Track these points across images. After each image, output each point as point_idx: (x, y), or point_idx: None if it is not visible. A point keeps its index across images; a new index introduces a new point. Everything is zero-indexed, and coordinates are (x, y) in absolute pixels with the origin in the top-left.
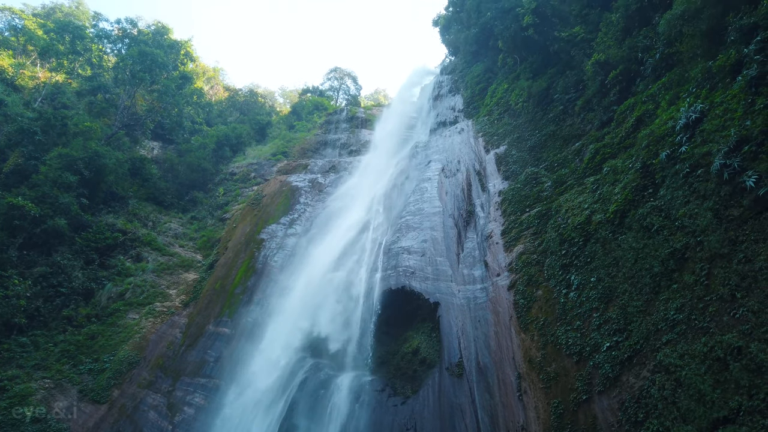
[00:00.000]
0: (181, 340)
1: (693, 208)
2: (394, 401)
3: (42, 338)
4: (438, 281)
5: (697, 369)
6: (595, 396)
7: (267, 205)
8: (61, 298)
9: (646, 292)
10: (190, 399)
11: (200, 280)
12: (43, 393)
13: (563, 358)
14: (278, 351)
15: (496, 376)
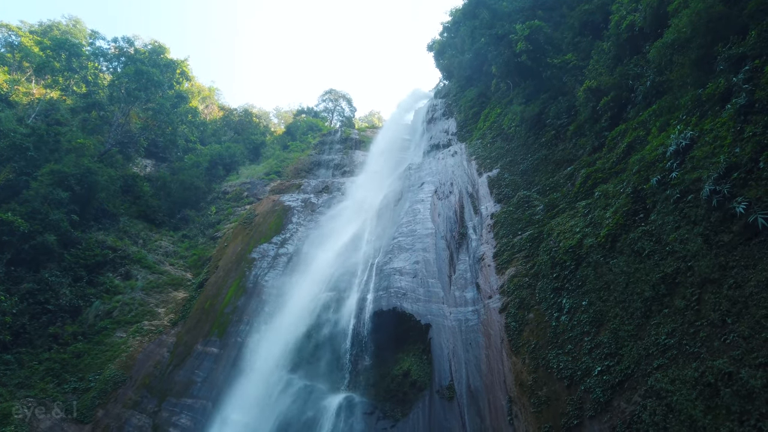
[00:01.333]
0: (168, 360)
1: (683, 234)
2: (383, 424)
3: (27, 356)
4: (430, 303)
5: (688, 394)
6: (586, 421)
7: (259, 224)
8: (48, 316)
9: (638, 316)
10: (176, 420)
11: (190, 298)
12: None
13: (554, 382)
14: (268, 371)
15: (486, 400)
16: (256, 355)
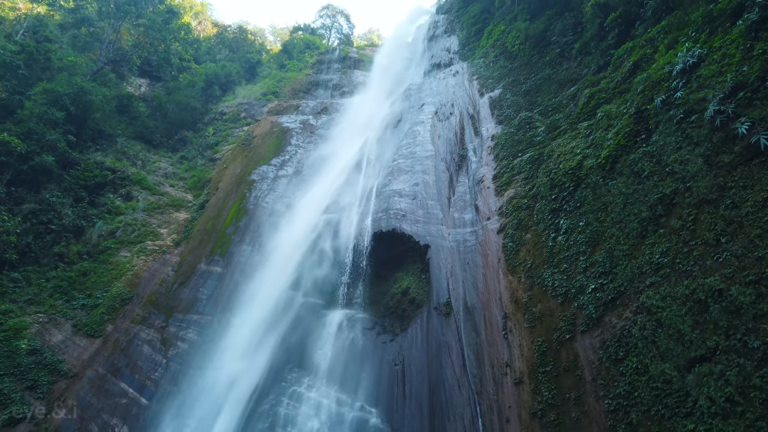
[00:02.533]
0: (173, 278)
1: (684, 154)
2: (383, 338)
3: (34, 274)
4: (429, 224)
5: (678, 310)
6: (578, 335)
7: (257, 146)
8: (52, 235)
9: (633, 236)
10: (183, 334)
11: (191, 219)
12: (38, 327)
13: (549, 300)
14: (270, 290)
15: (482, 316)
16: (259, 274)
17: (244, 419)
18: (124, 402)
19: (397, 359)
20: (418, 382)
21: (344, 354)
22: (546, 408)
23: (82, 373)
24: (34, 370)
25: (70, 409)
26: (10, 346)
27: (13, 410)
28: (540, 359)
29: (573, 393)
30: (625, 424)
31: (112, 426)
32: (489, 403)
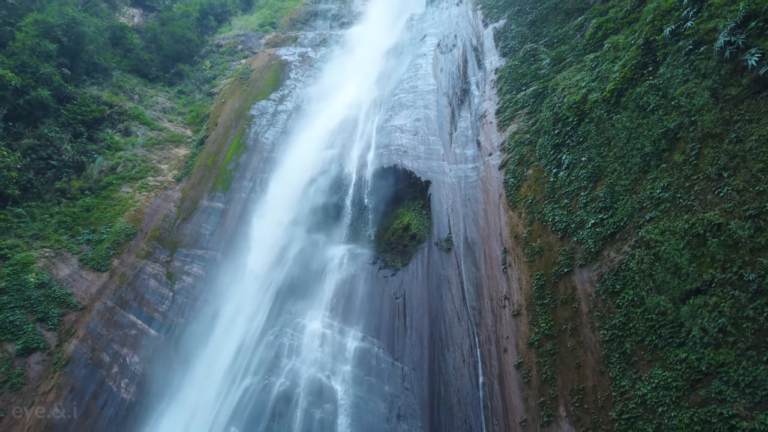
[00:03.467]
0: (176, 214)
1: (691, 87)
2: (384, 273)
3: (37, 209)
4: (430, 160)
5: (676, 244)
6: (576, 269)
7: (256, 80)
8: (53, 171)
9: (635, 171)
10: (188, 269)
11: (191, 155)
12: (45, 261)
13: (548, 234)
14: (273, 225)
15: (482, 251)
16: (261, 210)
17: (250, 349)
18: (133, 333)
19: (398, 293)
20: (418, 314)
21: (346, 288)
22: (543, 338)
23: (91, 306)
24: (43, 302)
25: (82, 340)
26: (18, 280)
27: (26, 340)
28: (538, 292)
29: (569, 324)
30: (619, 354)
31: (123, 355)
32: (487, 334)
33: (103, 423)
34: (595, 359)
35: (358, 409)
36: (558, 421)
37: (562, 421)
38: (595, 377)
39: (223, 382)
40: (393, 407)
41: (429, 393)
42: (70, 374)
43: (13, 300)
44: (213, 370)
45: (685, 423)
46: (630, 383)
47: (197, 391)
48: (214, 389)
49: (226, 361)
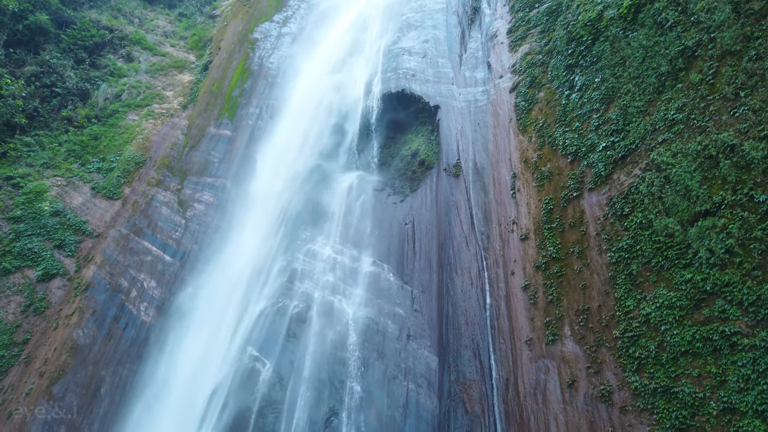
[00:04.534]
0: (183, 142)
1: (712, 2)
2: (393, 199)
3: (46, 138)
4: (439, 84)
5: (687, 166)
6: (585, 193)
7: (258, 1)
8: (58, 99)
9: (650, 92)
10: (198, 196)
11: (196, 81)
12: (57, 190)
13: (558, 159)
14: (279, 152)
15: (491, 176)
16: (267, 137)
17: (264, 274)
18: (149, 259)
19: (407, 218)
20: (427, 239)
21: (356, 214)
22: (550, 261)
23: (106, 233)
24: (59, 230)
25: (99, 266)
26: (33, 208)
27: (46, 267)
28: (546, 216)
29: (577, 247)
30: (625, 275)
31: (140, 280)
32: (495, 258)
33: (125, 344)
34: (601, 281)
35: (369, 329)
36: (563, 339)
37: (567, 339)
38: (600, 298)
39: (239, 305)
40: (403, 328)
41: (438, 314)
42: (90, 298)
43: (30, 228)
44: (229, 295)
45: (686, 340)
46: (634, 303)
47: (214, 315)
48: (230, 312)
49: (242, 286)
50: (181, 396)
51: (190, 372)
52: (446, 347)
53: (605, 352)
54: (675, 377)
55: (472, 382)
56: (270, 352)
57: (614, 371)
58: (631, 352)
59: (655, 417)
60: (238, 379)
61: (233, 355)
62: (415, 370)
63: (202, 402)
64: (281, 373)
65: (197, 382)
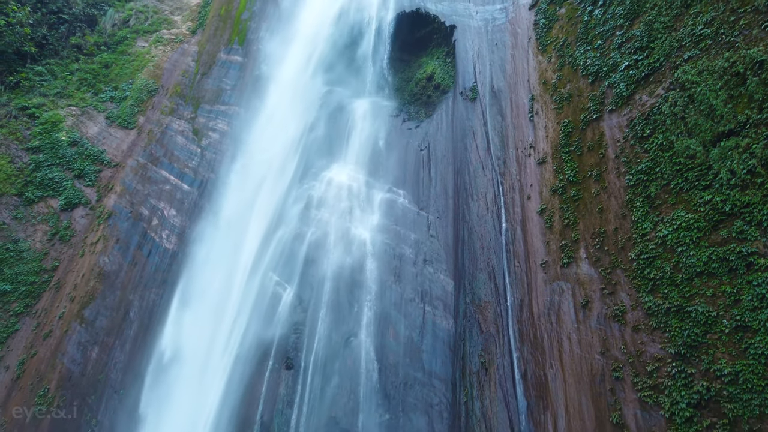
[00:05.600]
0: (195, 69)
1: None
2: (408, 125)
3: (57, 67)
4: (455, 2)
5: (713, 85)
6: (606, 114)
7: None
8: (65, 26)
9: (677, 6)
10: (213, 125)
11: (204, 5)
12: (73, 120)
13: (579, 79)
14: (292, 79)
15: (509, 99)
16: (279, 63)
17: (281, 201)
18: (167, 188)
19: (423, 144)
20: (443, 165)
21: (370, 141)
22: (567, 185)
23: (124, 163)
24: (78, 160)
25: (120, 195)
26: (51, 139)
27: (68, 196)
28: (564, 140)
29: (595, 171)
30: (643, 198)
31: (161, 209)
32: (511, 183)
33: (150, 270)
34: (618, 204)
35: (385, 254)
36: (578, 262)
37: (582, 262)
38: (617, 221)
39: (258, 231)
40: (419, 252)
41: (453, 239)
42: (113, 227)
43: (49, 158)
44: (247, 222)
45: (703, 261)
46: (651, 226)
47: (233, 240)
48: (250, 238)
49: (259, 212)
50: (206, 317)
51: (214, 296)
52: (462, 271)
53: (620, 274)
54: (689, 297)
55: (487, 304)
56: (290, 277)
57: (628, 292)
58: (646, 274)
59: (667, 335)
60: (261, 302)
61: (255, 279)
62: (431, 293)
63: (227, 324)
64: (302, 296)
65: (221, 307)
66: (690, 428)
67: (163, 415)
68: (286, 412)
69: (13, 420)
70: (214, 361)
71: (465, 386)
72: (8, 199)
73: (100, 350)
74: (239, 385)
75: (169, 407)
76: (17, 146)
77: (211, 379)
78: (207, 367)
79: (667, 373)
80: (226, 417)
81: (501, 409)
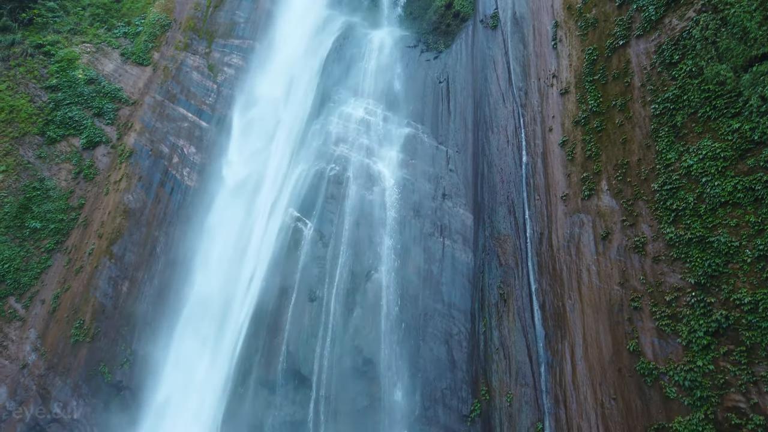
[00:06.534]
0: (207, 2)
1: None
2: (426, 56)
3: (69, 2)
4: None
5: (747, 6)
6: (633, 40)
7: None
8: None
9: None
10: (228, 60)
11: None
12: (88, 57)
13: (605, 3)
14: (307, 9)
15: (531, 27)
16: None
17: (299, 137)
18: (186, 125)
19: (442, 76)
20: (462, 98)
21: (388, 74)
22: (590, 116)
23: (141, 100)
24: (96, 98)
25: (139, 133)
26: (68, 77)
27: (89, 135)
28: (589, 68)
29: (619, 100)
30: (669, 127)
31: (180, 146)
32: (533, 115)
33: (173, 207)
34: (642, 134)
35: (405, 189)
36: (599, 194)
37: (603, 194)
38: (640, 151)
39: (278, 167)
40: (438, 187)
41: (473, 173)
42: (135, 165)
43: (68, 96)
44: (266, 159)
45: (727, 191)
46: (676, 156)
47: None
48: (270, 175)
49: (278, 150)
50: (230, 252)
51: (237, 231)
52: (481, 205)
53: (642, 205)
54: (712, 227)
55: (506, 237)
56: (310, 212)
57: (650, 223)
58: (669, 205)
59: (687, 265)
60: (283, 238)
61: (276, 215)
62: (450, 227)
63: (251, 258)
64: (322, 231)
65: (244, 242)
66: (707, 355)
67: (192, 346)
68: (311, 341)
69: (53, 349)
70: (239, 294)
71: (484, 317)
72: (31, 138)
73: (130, 284)
74: (264, 316)
75: (197, 339)
76: (36, 85)
77: (237, 311)
78: (233, 299)
79: (686, 303)
80: (253, 347)
81: (519, 338)
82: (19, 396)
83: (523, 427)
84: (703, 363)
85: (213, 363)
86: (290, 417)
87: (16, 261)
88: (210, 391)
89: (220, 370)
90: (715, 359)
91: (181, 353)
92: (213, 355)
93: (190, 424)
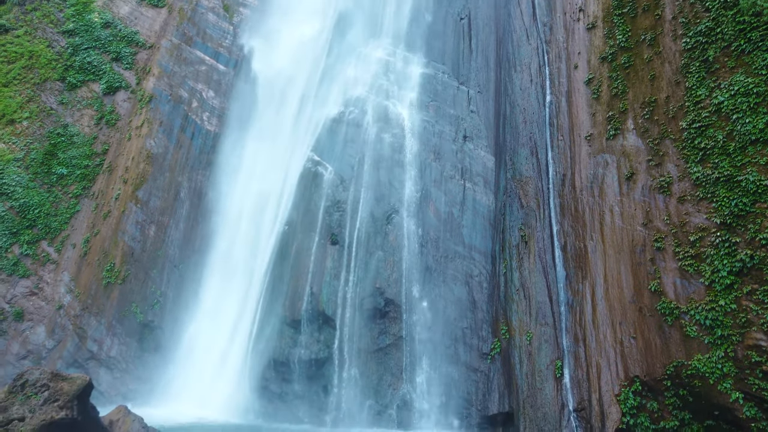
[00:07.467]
0: None
1: None
2: None
3: None
4: None
5: None
6: None
7: None
8: None
9: None
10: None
11: None
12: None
13: None
14: None
15: None
16: None
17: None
18: (203, 69)
19: (463, 12)
20: (484, 35)
21: (407, 11)
22: (617, 52)
23: (158, 44)
24: (113, 42)
25: (158, 77)
26: (84, 21)
27: (108, 80)
28: (617, 1)
29: (649, 34)
30: (700, 62)
31: (199, 90)
32: (557, 52)
33: (195, 152)
34: (672, 69)
35: (425, 131)
36: (624, 133)
37: (629, 133)
38: (669, 88)
39: (296, 112)
40: (459, 129)
41: (495, 114)
42: (155, 110)
43: (85, 41)
44: (284, 103)
45: (759, 128)
46: (707, 92)
47: (273, 122)
48: (288, 118)
49: (296, 93)
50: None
51: (259, 174)
52: (503, 146)
53: (669, 144)
54: (740, 166)
55: (528, 179)
56: (330, 156)
57: (676, 163)
58: (697, 143)
59: (713, 205)
60: (304, 181)
61: (296, 159)
62: (471, 169)
63: (274, 200)
64: (342, 175)
65: (266, 185)
66: (729, 294)
67: (219, 286)
68: (334, 283)
69: (86, 290)
70: (264, 235)
71: (504, 258)
72: (52, 84)
73: (156, 228)
74: (288, 259)
75: (223, 280)
76: (53, 30)
77: (262, 253)
78: (258, 241)
79: (710, 243)
80: (277, 289)
81: (539, 279)
82: (57, 335)
83: (542, 365)
84: (726, 302)
85: (239, 304)
86: (315, 354)
87: (46, 206)
88: (237, 331)
89: (246, 311)
90: (737, 298)
91: (209, 294)
92: (239, 297)
93: (218, 361)
